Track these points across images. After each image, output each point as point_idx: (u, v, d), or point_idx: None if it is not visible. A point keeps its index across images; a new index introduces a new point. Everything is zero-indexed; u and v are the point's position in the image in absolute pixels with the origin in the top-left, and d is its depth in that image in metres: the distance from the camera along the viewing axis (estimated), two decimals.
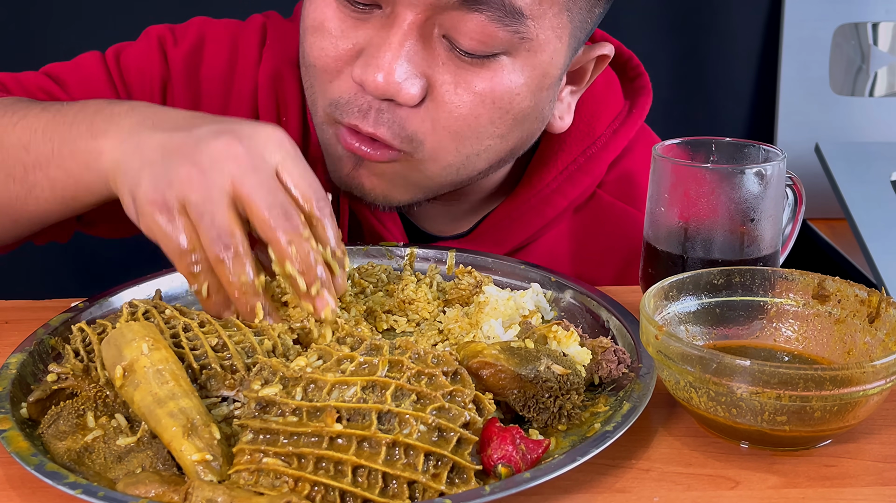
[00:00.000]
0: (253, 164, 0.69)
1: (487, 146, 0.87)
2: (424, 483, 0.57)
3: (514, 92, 0.84)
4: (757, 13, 1.90)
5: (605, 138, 0.99)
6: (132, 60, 1.00)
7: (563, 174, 0.98)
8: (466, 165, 0.88)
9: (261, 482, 0.58)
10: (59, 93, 0.97)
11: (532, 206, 0.98)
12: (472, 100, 0.82)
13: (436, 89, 0.82)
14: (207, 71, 1.00)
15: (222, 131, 0.70)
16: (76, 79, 0.99)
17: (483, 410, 0.62)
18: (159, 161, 0.70)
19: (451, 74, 0.82)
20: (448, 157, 0.86)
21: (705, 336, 0.75)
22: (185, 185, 0.68)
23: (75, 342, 0.70)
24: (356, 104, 0.83)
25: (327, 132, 0.88)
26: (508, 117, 0.85)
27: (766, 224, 0.83)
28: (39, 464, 0.59)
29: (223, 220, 0.67)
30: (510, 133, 0.87)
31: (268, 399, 0.61)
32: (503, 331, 0.77)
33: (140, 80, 0.99)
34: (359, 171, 0.88)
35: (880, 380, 0.62)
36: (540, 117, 0.90)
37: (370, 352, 0.65)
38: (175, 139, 0.71)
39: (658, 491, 0.63)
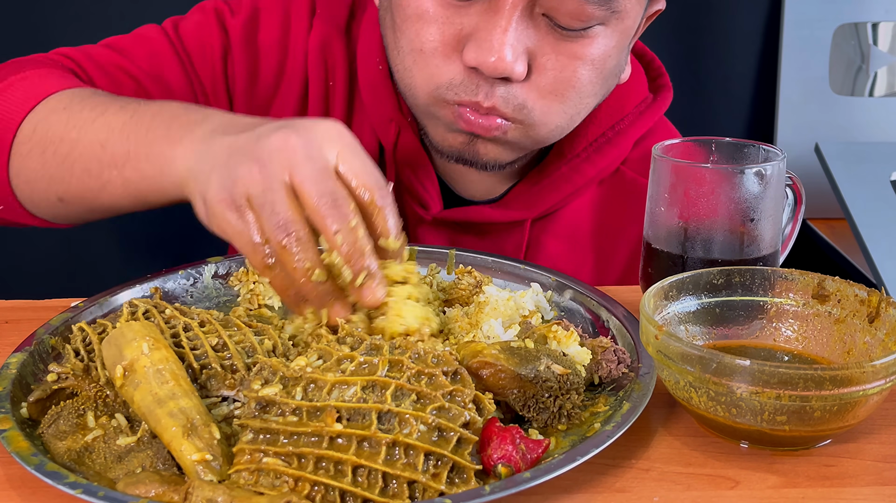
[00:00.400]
0: (308, 154, 0.70)
1: (587, 104, 0.95)
2: (424, 483, 0.57)
3: (607, 54, 0.91)
4: (757, 13, 1.90)
5: (633, 117, 1.06)
6: (191, 32, 1.05)
7: (593, 146, 1.04)
8: (570, 124, 0.96)
9: (261, 482, 0.58)
10: (130, 65, 1.01)
11: (562, 174, 1.04)
12: (571, 64, 0.89)
13: (538, 59, 0.89)
14: (264, 38, 1.05)
15: (281, 126, 0.72)
16: (143, 52, 1.03)
17: (483, 410, 0.62)
18: (225, 162, 0.72)
19: (551, 46, 0.89)
20: (556, 119, 0.93)
21: (705, 336, 0.76)
22: (247, 181, 0.69)
23: (75, 342, 0.71)
24: (470, 84, 0.89)
25: (436, 111, 0.93)
26: (602, 76, 0.93)
27: (766, 224, 0.83)
28: (39, 464, 0.59)
29: (282, 208, 0.69)
30: (601, 89, 0.95)
31: (268, 399, 0.61)
32: (503, 331, 0.77)
33: (201, 50, 1.04)
34: (474, 145, 0.94)
35: (880, 380, 0.63)
36: (619, 73, 0.98)
37: (370, 351, 0.65)
38: (239, 140, 0.73)
39: (658, 491, 0.63)
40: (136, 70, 1.01)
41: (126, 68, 1.01)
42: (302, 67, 1.05)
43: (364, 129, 1.04)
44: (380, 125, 1.02)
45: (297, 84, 1.05)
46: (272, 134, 0.71)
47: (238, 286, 0.89)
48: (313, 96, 1.05)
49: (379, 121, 1.02)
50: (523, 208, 1.04)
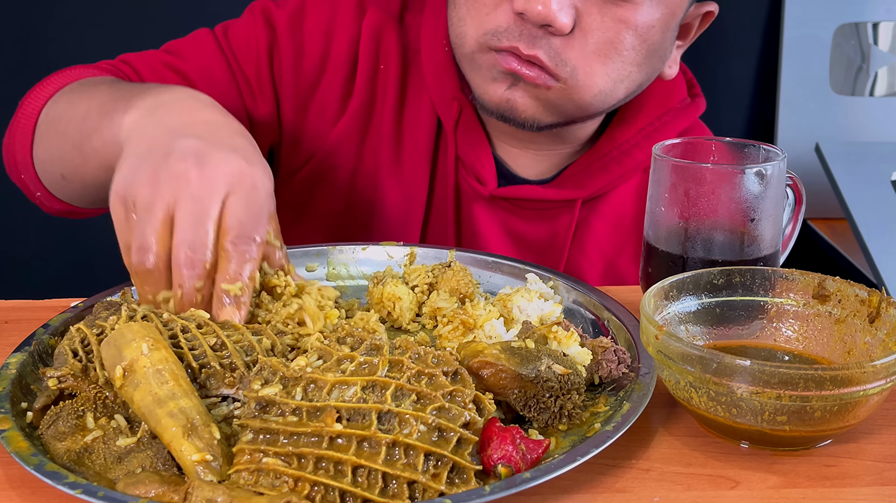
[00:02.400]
0: (195, 194, 0.72)
1: (629, 72, 0.97)
2: (424, 483, 0.57)
3: (650, 24, 0.95)
4: (757, 13, 1.90)
5: (676, 111, 1.11)
6: (239, 33, 1.10)
7: (642, 133, 1.10)
8: (613, 92, 0.98)
9: (261, 482, 0.58)
10: (181, 64, 1.08)
11: (613, 157, 1.09)
12: (615, 26, 0.93)
13: (584, 19, 0.93)
14: (310, 27, 1.10)
15: (193, 152, 0.74)
16: (190, 49, 1.09)
17: (483, 410, 0.62)
18: (139, 155, 0.75)
19: (598, 7, 0.93)
20: (599, 81, 0.96)
21: (705, 336, 0.75)
22: (138, 190, 0.73)
23: (73, 343, 0.70)
24: (516, 30, 0.93)
25: (479, 59, 0.97)
26: (644, 46, 0.96)
27: (766, 224, 0.83)
28: (39, 464, 0.59)
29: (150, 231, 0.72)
30: (644, 64, 0.98)
31: (268, 399, 0.61)
32: (504, 331, 0.77)
33: (246, 46, 1.09)
34: (514, 92, 0.97)
35: (880, 380, 0.62)
36: (664, 56, 1.02)
37: (370, 352, 0.65)
38: (160, 142, 0.76)
39: (658, 491, 0.63)
40: (184, 65, 1.07)
41: (173, 64, 1.07)
42: (349, 51, 1.10)
43: (420, 109, 1.10)
44: (442, 104, 1.08)
45: (344, 67, 1.10)
46: (179, 160, 0.73)
47: None
48: (361, 78, 1.09)
49: (441, 100, 1.07)
50: (574, 188, 1.09)
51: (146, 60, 1.08)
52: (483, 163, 1.08)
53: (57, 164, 0.95)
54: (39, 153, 0.98)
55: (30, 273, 1.85)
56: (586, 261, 1.11)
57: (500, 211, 1.10)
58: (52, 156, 0.96)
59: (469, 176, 1.09)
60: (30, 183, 1.01)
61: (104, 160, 0.85)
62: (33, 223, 1.84)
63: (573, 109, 0.99)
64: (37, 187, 1.01)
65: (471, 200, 1.10)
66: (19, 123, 0.99)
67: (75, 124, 0.90)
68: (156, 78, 1.06)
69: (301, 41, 1.10)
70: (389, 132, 1.10)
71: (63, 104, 0.94)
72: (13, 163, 1.01)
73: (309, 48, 1.10)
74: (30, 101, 0.98)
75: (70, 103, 0.93)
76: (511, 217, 1.10)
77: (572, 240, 1.10)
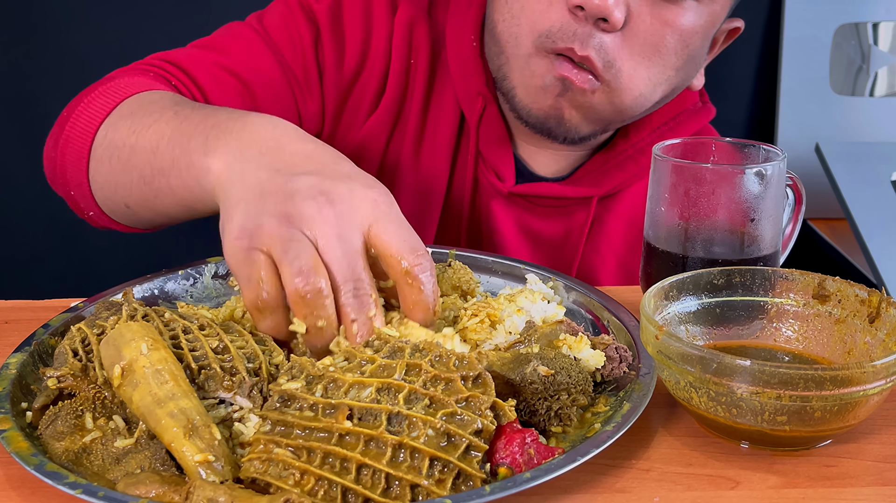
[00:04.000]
0: (339, 233, 0.69)
1: (668, 77, 1.00)
2: (426, 487, 0.57)
3: (694, 30, 0.98)
4: (757, 13, 1.90)
5: (689, 113, 1.14)
6: (278, 25, 1.08)
7: (657, 132, 1.11)
8: (652, 96, 1.00)
9: (269, 471, 0.59)
10: (230, 63, 1.04)
11: (629, 156, 1.11)
12: (662, 29, 0.96)
13: (633, 18, 0.95)
14: (349, 21, 1.10)
15: (318, 191, 0.70)
16: (239, 48, 1.06)
17: (502, 417, 0.62)
18: (253, 201, 0.70)
19: (647, 7, 0.95)
20: (640, 84, 0.98)
21: (705, 336, 0.75)
22: (271, 235, 0.68)
23: (74, 342, 0.70)
24: (571, 29, 0.94)
25: (535, 63, 0.98)
26: (686, 52, 0.99)
27: (766, 224, 0.83)
28: (39, 464, 0.59)
29: (307, 257, 0.68)
30: (682, 69, 1.01)
31: (290, 393, 0.63)
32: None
33: (291, 42, 1.08)
34: (562, 101, 0.99)
35: (880, 380, 0.62)
36: (698, 64, 1.04)
37: (393, 355, 0.65)
38: (272, 185, 0.71)
39: (658, 491, 0.62)
40: (237, 66, 1.05)
41: (227, 66, 1.05)
42: (385, 46, 1.10)
43: (444, 103, 1.10)
44: (466, 99, 1.08)
45: (381, 62, 1.10)
46: (308, 199, 0.69)
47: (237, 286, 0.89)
48: (394, 73, 1.09)
49: (466, 95, 1.08)
50: (591, 185, 1.10)
51: (197, 63, 1.03)
52: (503, 159, 1.09)
53: (121, 193, 0.91)
54: (98, 178, 0.93)
55: (30, 273, 1.85)
56: (599, 259, 1.12)
57: (517, 208, 1.11)
58: (116, 185, 0.91)
59: (489, 172, 1.09)
60: (81, 201, 0.96)
61: (182, 200, 0.82)
62: (33, 223, 1.83)
63: (612, 114, 1.01)
64: (90, 207, 0.96)
65: (489, 196, 1.11)
66: (72, 142, 0.94)
67: (144, 158, 0.85)
68: (215, 84, 1.02)
69: (342, 36, 1.09)
70: (414, 126, 1.10)
71: (125, 130, 0.89)
72: (62, 179, 0.96)
73: (350, 43, 1.09)
74: (84, 117, 0.93)
75: (133, 130, 0.88)
76: (527, 214, 1.11)
77: (587, 237, 1.11)
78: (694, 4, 0.96)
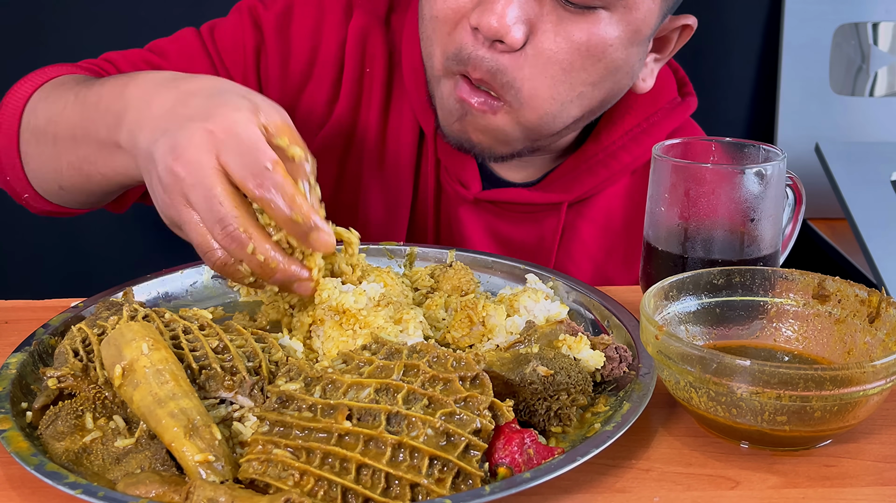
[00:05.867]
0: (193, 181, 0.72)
1: (580, 93, 0.95)
2: (426, 486, 0.57)
3: (608, 43, 0.92)
4: (757, 13, 1.90)
5: (665, 111, 1.09)
6: (226, 34, 1.09)
7: (629, 134, 1.08)
8: (562, 113, 0.96)
9: (268, 472, 0.59)
10: (162, 63, 1.06)
11: (600, 160, 1.07)
12: (568, 47, 0.91)
13: (537, 36, 0.91)
14: (297, 29, 1.09)
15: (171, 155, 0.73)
16: (175, 50, 1.08)
17: (500, 417, 0.62)
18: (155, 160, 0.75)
19: (552, 23, 0.90)
20: (544, 104, 0.94)
21: (705, 336, 0.75)
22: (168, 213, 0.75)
23: (74, 342, 0.70)
24: (466, 52, 0.92)
25: (444, 85, 0.97)
26: (600, 66, 0.93)
27: (766, 224, 0.83)
28: (39, 464, 0.59)
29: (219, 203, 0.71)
30: (601, 82, 0.95)
31: (288, 394, 0.63)
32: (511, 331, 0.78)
33: (233, 49, 1.08)
34: (465, 124, 0.97)
35: (880, 380, 0.62)
36: (630, 72, 0.98)
37: (390, 356, 0.65)
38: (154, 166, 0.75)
39: (658, 491, 0.62)
40: (166, 65, 1.06)
41: (156, 64, 1.06)
42: (335, 54, 1.09)
43: (403, 114, 1.09)
44: (422, 110, 1.06)
45: (331, 70, 1.09)
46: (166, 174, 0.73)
47: (237, 286, 0.89)
48: (347, 81, 1.08)
49: (421, 106, 1.06)
50: (560, 191, 1.07)
51: (129, 59, 1.06)
52: (466, 167, 1.06)
53: (52, 177, 0.95)
54: (30, 163, 0.97)
55: (30, 273, 1.85)
56: (574, 266, 1.10)
57: (486, 214, 1.09)
58: (47, 170, 0.95)
59: (452, 180, 1.07)
60: (17, 185, 1.00)
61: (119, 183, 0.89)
62: (33, 223, 1.83)
63: (522, 135, 0.97)
64: (24, 189, 1.00)
65: (456, 204, 1.09)
66: (2, 127, 0.97)
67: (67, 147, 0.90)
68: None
69: (288, 43, 1.08)
70: (374, 137, 1.09)
71: (42, 117, 0.93)
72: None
73: (296, 51, 1.08)
74: (9, 102, 0.97)
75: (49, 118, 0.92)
76: (497, 220, 1.09)
77: (559, 243, 1.09)
78: (606, 15, 0.90)
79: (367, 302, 0.76)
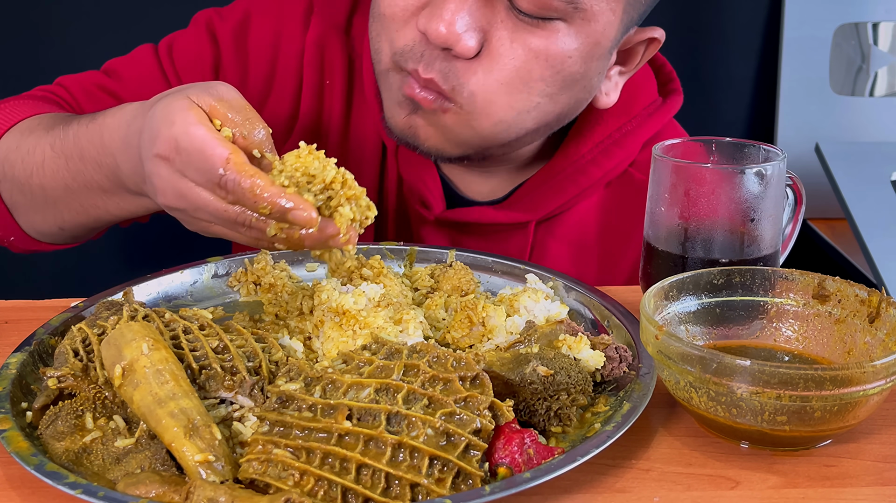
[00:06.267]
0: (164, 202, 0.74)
1: (537, 104, 0.91)
2: (426, 486, 0.57)
3: (567, 54, 0.88)
4: (757, 13, 1.90)
5: (641, 118, 1.04)
6: (183, 48, 1.06)
7: (599, 147, 1.03)
8: (517, 122, 0.92)
9: (268, 472, 0.59)
10: (117, 88, 1.04)
11: (568, 175, 1.03)
12: (524, 55, 0.87)
13: (492, 43, 0.87)
14: (255, 40, 1.06)
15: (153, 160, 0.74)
16: (132, 74, 1.05)
17: (500, 417, 0.62)
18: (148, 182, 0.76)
19: (507, 31, 0.87)
20: (499, 111, 0.90)
21: (705, 336, 0.75)
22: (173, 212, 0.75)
23: (74, 342, 0.70)
24: (419, 51, 0.88)
25: (391, 79, 0.93)
26: (559, 78, 0.90)
27: (766, 224, 0.83)
28: (39, 464, 0.59)
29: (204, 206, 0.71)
30: (559, 95, 0.91)
31: (288, 394, 0.63)
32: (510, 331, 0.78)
33: (191, 65, 1.05)
34: (414, 120, 0.92)
35: (880, 380, 0.62)
36: (588, 86, 0.94)
37: (390, 356, 0.66)
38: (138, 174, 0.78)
39: (658, 491, 0.63)
40: (122, 90, 1.04)
41: (111, 90, 1.04)
42: (296, 66, 1.05)
43: (365, 127, 1.05)
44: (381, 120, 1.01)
45: (292, 82, 1.05)
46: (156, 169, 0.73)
47: (237, 286, 0.89)
48: (307, 93, 1.05)
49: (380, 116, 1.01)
50: (527, 210, 1.03)
51: (82, 84, 1.05)
52: (428, 185, 1.02)
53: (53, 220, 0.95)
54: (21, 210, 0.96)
55: (30, 273, 1.85)
56: None
57: (450, 233, 1.05)
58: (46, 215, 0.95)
59: (415, 200, 1.03)
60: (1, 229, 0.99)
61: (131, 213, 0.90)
62: None
63: (474, 138, 0.92)
64: (11, 233, 0.98)
65: (418, 224, 1.05)
66: None
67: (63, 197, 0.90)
68: (92, 104, 1.02)
69: (246, 56, 1.05)
70: (335, 152, 1.03)
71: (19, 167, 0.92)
72: None
73: (254, 64, 1.05)
74: None
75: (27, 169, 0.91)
76: (462, 239, 1.05)
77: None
78: (563, 26, 0.87)
79: (366, 302, 0.76)
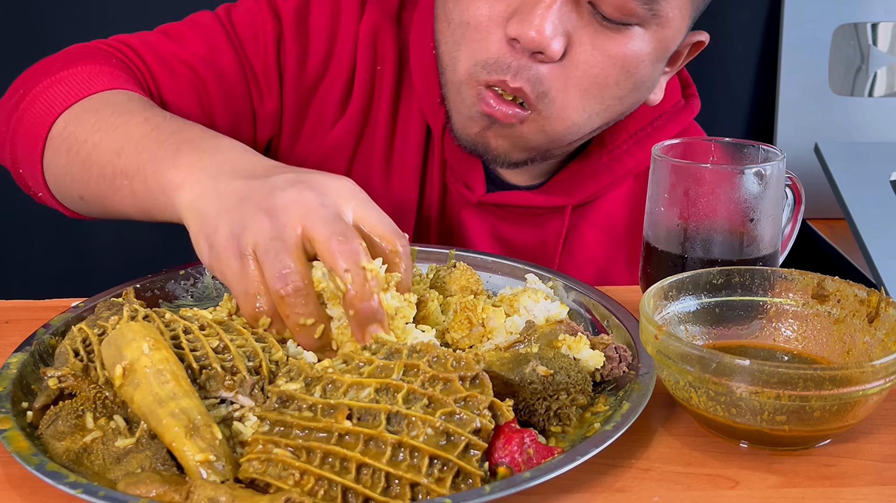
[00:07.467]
0: (322, 202, 0.70)
1: (607, 106, 0.96)
2: (426, 485, 0.57)
3: (640, 59, 0.93)
4: (757, 13, 1.90)
5: (670, 115, 1.10)
6: (244, 19, 1.07)
7: (633, 138, 1.08)
8: (586, 125, 0.97)
9: (268, 472, 0.59)
10: (185, 54, 1.03)
11: (603, 164, 1.08)
12: (603, 60, 0.91)
13: (574, 48, 0.91)
14: (315, 22, 1.08)
15: (296, 181, 0.72)
16: (198, 39, 1.05)
17: (500, 417, 0.62)
18: (235, 208, 0.71)
19: (589, 36, 0.91)
20: (573, 115, 0.94)
21: (705, 336, 0.76)
22: (257, 230, 0.69)
23: (74, 342, 0.70)
24: (505, 62, 0.91)
25: (466, 92, 0.95)
26: (630, 81, 0.94)
27: (766, 224, 0.83)
28: (40, 464, 0.59)
29: (286, 257, 0.68)
30: (627, 96, 0.96)
31: (288, 394, 0.63)
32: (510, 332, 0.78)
33: (254, 37, 1.06)
34: (488, 133, 0.96)
35: (880, 380, 0.63)
36: (650, 86, 1.00)
37: (390, 356, 0.66)
38: (251, 186, 0.72)
39: (658, 490, 0.63)
40: (192, 58, 1.04)
41: (182, 56, 1.04)
42: (350, 52, 1.08)
43: (412, 112, 1.08)
44: (430, 109, 1.06)
45: (345, 68, 1.08)
46: (287, 188, 0.71)
47: None
48: (359, 80, 1.07)
49: (429, 104, 1.05)
50: (564, 194, 1.08)
51: (154, 51, 1.03)
52: (471, 168, 1.06)
53: (77, 184, 0.91)
54: (54, 168, 0.93)
55: (30, 273, 1.85)
56: (576, 268, 1.10)
57: (490, 216, 1.09)
58: (73, 178, 0.91)
59: (457, 181, 1.08)
60: (31, 182, 0.97)
61: (141, 203, 0.83)
62: (33, 223, 1.84)
63: (544, 142, 0.97)
64: (39, 188, 0.97)
65: (459, 206, 1.09)
66: (27, 125, 0.93)
67: (107, 157, 0.86)
68: (167, 74, 1.02)
69: (306, 38, 1.07)
70: (383, 136, 1.08)
71: (88, 126, 0.89)
72: (10, 154, 0.97)
73: (314, 46, 1.07)
74: (43, 102, 0.93)
75: (98, 128, 0.88)
76: (500, 223, 1.09)
77: (562, 246, 1.10)
78: (640, 32, 0.91)
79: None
